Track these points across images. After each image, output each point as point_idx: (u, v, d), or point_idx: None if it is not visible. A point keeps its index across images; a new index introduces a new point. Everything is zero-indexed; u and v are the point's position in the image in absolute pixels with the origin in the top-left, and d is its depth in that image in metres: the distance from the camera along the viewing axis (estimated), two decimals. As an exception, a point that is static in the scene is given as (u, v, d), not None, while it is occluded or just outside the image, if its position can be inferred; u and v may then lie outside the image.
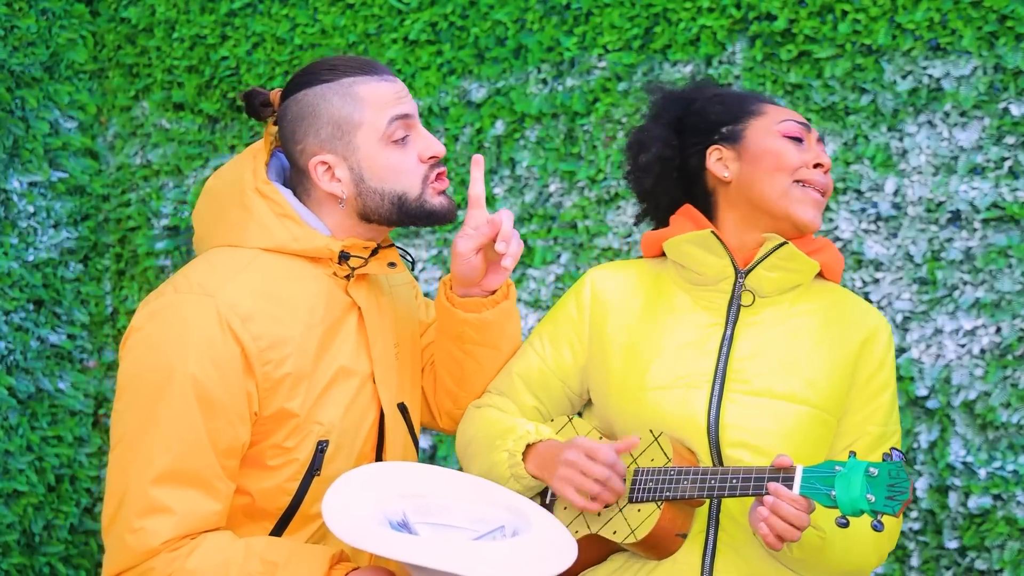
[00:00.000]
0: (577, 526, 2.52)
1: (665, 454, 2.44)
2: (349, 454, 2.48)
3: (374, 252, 2.53)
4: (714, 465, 2.47)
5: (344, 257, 2.46)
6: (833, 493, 2.23)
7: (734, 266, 2.56)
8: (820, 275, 2.63)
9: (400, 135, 2.45)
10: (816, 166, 2.56)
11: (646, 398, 2.53)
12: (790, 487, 2.27)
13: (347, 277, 2.50)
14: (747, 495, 2.32)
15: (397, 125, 2.44)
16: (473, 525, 2.28)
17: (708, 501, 2.47)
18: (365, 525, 2.15)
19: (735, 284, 2.56)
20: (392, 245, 2.59)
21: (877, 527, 2.20)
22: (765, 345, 2.53)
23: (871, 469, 2.22)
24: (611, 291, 2.66)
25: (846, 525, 2.24)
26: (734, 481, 2.33)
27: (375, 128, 2.44)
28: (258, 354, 2.34)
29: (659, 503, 2.41)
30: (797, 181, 2.54)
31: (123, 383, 2.36)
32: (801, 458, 2.40)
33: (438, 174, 2.50)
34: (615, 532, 2.45)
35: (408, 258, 2.70)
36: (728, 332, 2.54)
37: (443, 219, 2.53)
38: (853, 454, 2.26)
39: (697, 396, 2.49)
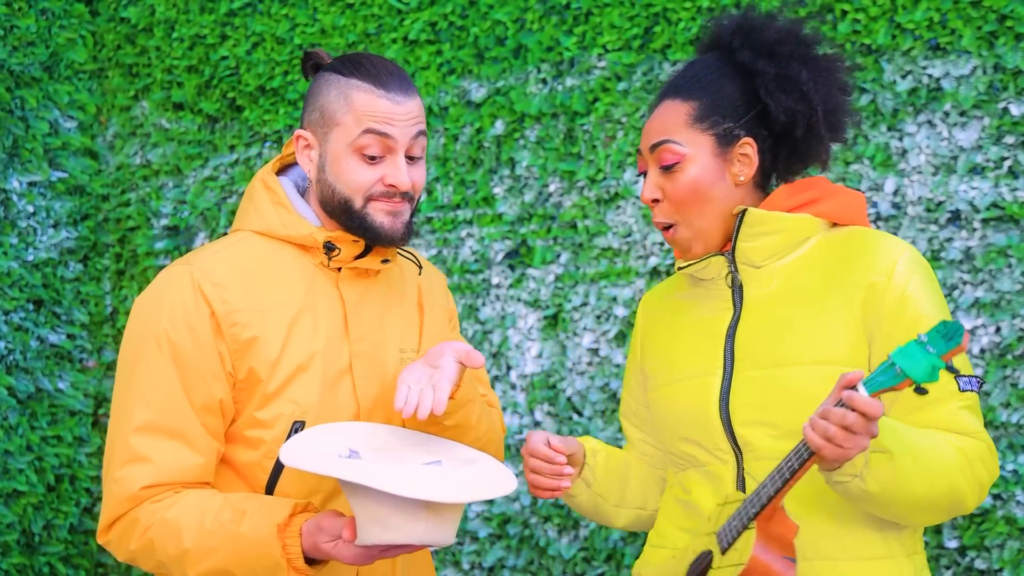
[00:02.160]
0: None
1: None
2: None
3: (368, 251, 2.60)
4: (732, 447, 2.45)
5: (330, 248, 2.55)
6: (898, 368, 2.13)
7: (721, 252, 2.54)
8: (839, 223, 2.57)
9: (372, 152, 2.52)
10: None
11: (666, 392, 2.56)
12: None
13: (339, 270, 2.59)
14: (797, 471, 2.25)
15: (370, 139, 2.51)
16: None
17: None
18: (308, 452, 2.32)
19: (729, 266, 2.54)
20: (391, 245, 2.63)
21: (952, 369, 2.12)
22: (772, 314, 2.49)
23: (920, 337, 2.13)
24: (651, 310, 2.72)
25: (925, 392, 2.14)
26: (780, 476, 2.27)
27: (348, 133, 2.52)
28: (225, 315, 2.48)
29: (745, 528, 2.32)
30: None
31: (119, 353, 2.57)
32: None
33: (390, 199, 2.54)
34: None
35: (415, 260, 2.76)
36: (737, 313, 2.52)
37: (380, 238, 2.56)
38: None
39: (710, 383, 2.48)
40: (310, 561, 2.39)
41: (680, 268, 2.59)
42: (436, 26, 4.33)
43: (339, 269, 2.59)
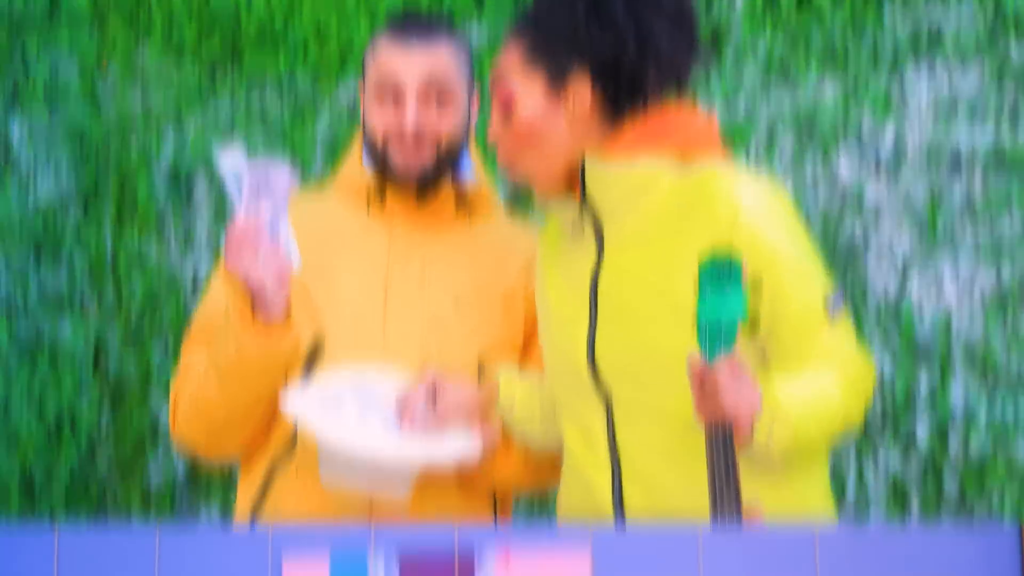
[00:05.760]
0: None
1: None
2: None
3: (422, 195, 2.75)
4: (599, 390, 2.43)
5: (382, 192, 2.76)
6: (723, 323, 2.10)
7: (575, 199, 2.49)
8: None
9: (386, 97, 2.69)
10: None
11: (548, 333, 2.54)
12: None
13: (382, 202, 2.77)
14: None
15: (383, 89, 2.69)
16: None
17: (607, 433, 2.43)
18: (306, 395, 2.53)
19: (583, 212, 2.48)
20: (439, 178, 2.72)
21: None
22: (629, 267, 2.43)
23: (703, 296, 2.09)
24: (543, 247, 2.66)
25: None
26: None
27: (371, 82, 2.73)
28: None
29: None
30: None
31: None
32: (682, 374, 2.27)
33: (402, 140, 2.67)
34: None
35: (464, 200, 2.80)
36: (599, 259, 2.45)
37: (396, 176, 2.70)
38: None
39: (579, 332, 2.45)
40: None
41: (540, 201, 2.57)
42: None
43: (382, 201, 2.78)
